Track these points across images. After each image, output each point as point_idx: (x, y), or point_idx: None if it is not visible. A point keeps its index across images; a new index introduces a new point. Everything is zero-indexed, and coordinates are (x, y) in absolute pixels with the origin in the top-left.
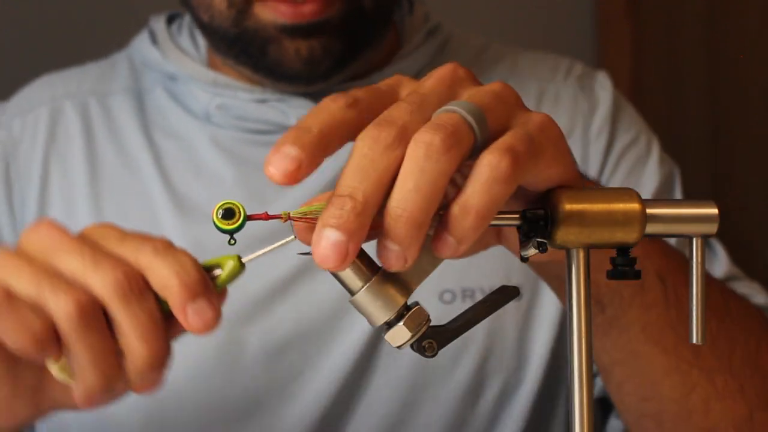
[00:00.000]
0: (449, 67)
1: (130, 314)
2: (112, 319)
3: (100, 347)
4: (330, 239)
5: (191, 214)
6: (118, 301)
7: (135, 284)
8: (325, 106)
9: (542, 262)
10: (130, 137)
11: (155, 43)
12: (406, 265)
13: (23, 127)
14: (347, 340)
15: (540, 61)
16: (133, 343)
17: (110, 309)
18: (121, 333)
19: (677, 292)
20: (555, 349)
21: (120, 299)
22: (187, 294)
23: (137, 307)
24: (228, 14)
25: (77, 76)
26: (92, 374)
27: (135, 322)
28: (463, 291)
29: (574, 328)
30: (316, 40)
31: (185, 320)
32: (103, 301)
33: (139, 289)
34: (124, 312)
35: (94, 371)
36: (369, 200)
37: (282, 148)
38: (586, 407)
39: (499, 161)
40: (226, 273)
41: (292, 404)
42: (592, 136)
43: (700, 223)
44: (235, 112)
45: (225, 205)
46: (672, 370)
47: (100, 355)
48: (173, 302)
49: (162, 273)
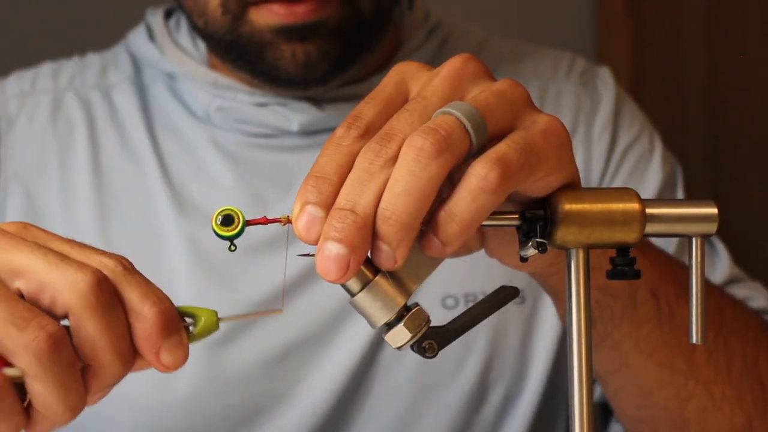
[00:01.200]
0: (458, 61)
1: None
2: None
3: None
4: (332, 252)
5: (190, 213)
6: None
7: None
8: (338, 144)
9: (540, 275)
10: (133, 131)
11: (152, 39)
12: (397, 265)
13: (20, 108)
14: (347, 347)
15: (541, 57)
16: None
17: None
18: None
19: (670, 304)
20: (558, 355)
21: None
22: (164, 327)
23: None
24: (223, 21)
25: (80, 67)
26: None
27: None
28: (465, 296)
29: (574, 328)
30: (312, 44)
31: (156, 357)
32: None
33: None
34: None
35: (61, 398)
36: (370, 215)
37: (307, 208)
38: (586, 408)
39: (488, 172)
40: (201, 326)
41: (291, 410)
42: (595, 134)
43: (700, 222)
44: (235, 115)
45: (224, 212)
46: (666, 383)
47: None
48: (146, 332)
49: (134, 295)
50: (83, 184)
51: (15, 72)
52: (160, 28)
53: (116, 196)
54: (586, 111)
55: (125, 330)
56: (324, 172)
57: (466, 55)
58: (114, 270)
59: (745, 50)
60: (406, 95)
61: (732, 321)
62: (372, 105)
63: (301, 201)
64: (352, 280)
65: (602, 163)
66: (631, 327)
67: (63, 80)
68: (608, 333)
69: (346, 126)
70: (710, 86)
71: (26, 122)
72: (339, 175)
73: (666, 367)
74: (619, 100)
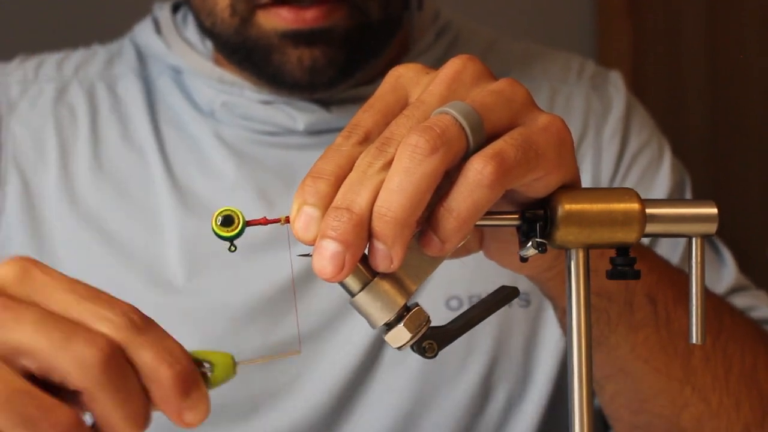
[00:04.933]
0: (457, 63)
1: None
2: None
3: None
4: (328, 250)
5: (192, 206)
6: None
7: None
8: (337, 149)
9: (538, 278)
10: (136, 122)
11: (159, 33)
12: (393, 265)
13: (22, 94)
14: (348, 345)
15: (552, 59)
16: None
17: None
18: None
19: (668, 309)
20: (563, 359)
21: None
22: (183, 389)
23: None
24: (231, 22)
25: (85, 58)
26: None
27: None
28: (470, 298)
29: (574, 329)
30: (318, 50)
31: (178, 417)
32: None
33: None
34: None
35: None
36: (366, 212)
37: (304, 209)
38: (586, 411)
39: (484, 167)
40: (219, 372)
41: (289, 406)
42: (606, 138)
43: (700, 222)
44: (240, 111)
45: (223, 212)
46: (662, 389)
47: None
48: (165, 396)
49: (147, 359)
50: (83, 174)
51: (19, 56)
52: (167, 22)
53: (117, 187)
54: (597, 114)
55: (141, 396)
56: (322, 172)
57: (465, 56)
58: (125, 332)
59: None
60: (405, 100)
61: (730, 329)
62: (370, 113)
63: (298, 201)
64: (352, 280)
65: (612, 167)
66: (627, 332)
67: (68, 70)
68: (604, 337)
69: (345, 134)
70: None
71: (27, 108)
72: (337, 176)
73: (662, 374)
74: (629, 105)
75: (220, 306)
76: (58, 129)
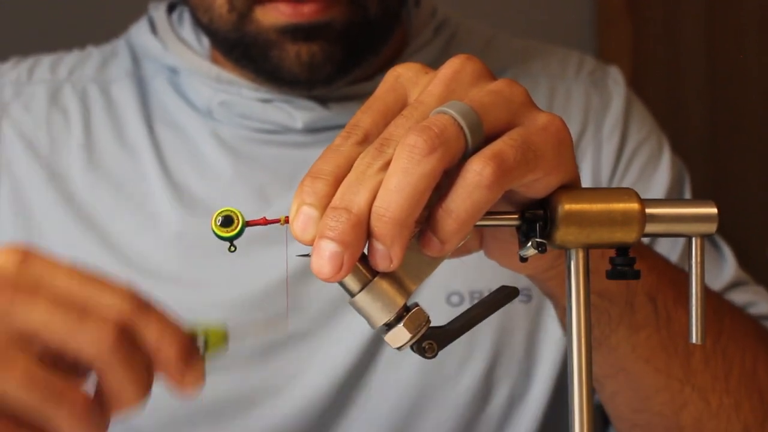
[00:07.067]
0: (456, 63)
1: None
2: None
3: None
4: (326, 250)
5: (188, 205)
6: None
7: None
8: (336, 149)
9: (538, 278)
10: (129, 124)
11: (155, 33)
12: (393, 265)
13: (15, 96)
14: (344, 343)
15: (550, 56)
16: None
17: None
18: None
19: (668, 309)
20: (565, 355)
21: None
22: (185, 360)
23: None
24: (228, 18)
25: (79, 60)
26: None
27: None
28: (471, 293)
29: (574, 329)
30: (317, 45)
31: (181, 383)
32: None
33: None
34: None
35: None
36: (364, 212)
37: (303, 209)
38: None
39: (483, 167)
40: (212, 345)
41: (286, 402)
42: (605, 133)
43: (700, 222)
44: (238, 110)
45: (223, 213)
46: (662, 388)
47: None
48: (170, 366)
49: (153, 334)
50: (77, 176)
51: (12, 58)
52: (163, 22)
53: (111, 188)
54: (596, 110)
55: (148, 368)
56: (321, 173)
57: (464, 56)
58: (130, 312)
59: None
60: (404, 100)
61: (731, 329)
62: (369, 113)
63: (297, 202)
64: (351, 280)
65: (612, 162)
66: (628, 332)
67: (61, 72)
68: (605, 337)
69: (344, 135)
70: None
71: (20, 111)
72: (336, 177)
73: (662, 373)
74: (629, 100)
75: (214, 303)
76: (51, 132)
